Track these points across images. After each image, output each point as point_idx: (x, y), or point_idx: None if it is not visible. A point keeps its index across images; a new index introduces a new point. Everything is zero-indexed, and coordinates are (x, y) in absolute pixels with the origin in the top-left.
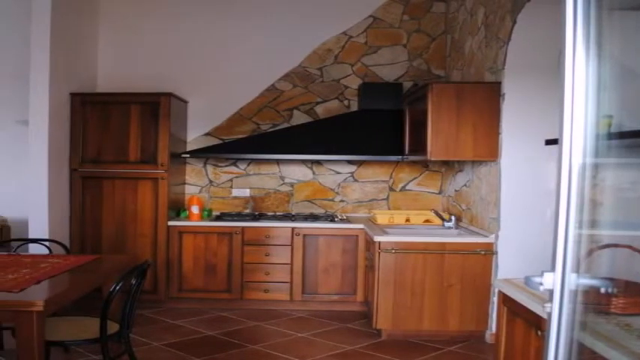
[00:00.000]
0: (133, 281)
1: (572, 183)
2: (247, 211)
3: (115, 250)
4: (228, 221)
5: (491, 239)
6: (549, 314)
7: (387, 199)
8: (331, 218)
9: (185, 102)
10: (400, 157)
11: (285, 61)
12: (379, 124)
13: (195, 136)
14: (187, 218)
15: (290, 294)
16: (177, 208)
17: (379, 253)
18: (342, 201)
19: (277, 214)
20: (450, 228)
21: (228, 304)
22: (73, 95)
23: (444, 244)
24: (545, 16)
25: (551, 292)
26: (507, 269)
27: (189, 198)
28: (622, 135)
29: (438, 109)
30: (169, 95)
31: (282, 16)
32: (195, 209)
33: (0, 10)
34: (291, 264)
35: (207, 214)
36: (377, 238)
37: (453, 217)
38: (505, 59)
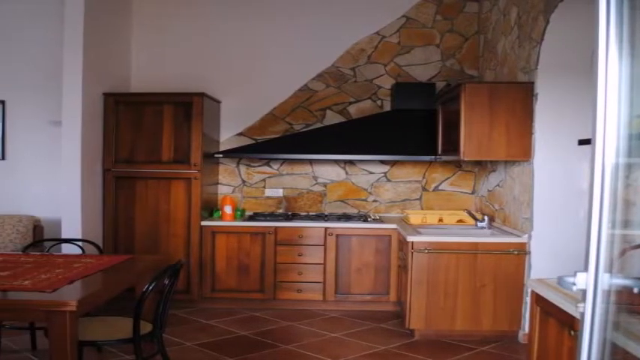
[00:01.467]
0: (166, 281)
1: (605, 183)
2: (280, 211)
3: (148, 251)
4: (261, 221)
5: (524, 239)
6: (582, 314)
7: (420, 199)
8: (364, 218)
9: (218, 102)
10: (433, 157)
11: (319, 61)
12: (412, 124)
13: (228, 136)
14: (220, 218)
15: (323, 294)
16: (210, 208)
17: (412, 253)
18: (375, 201)
19: (310, 214)
20: (482, 228)
21: (261, 304)
22: (106, 95)
23: (476, 244)
24: (579, 15)
25: (584, 292)
26: (540, 269)
27: (222, 198)
28: None
29: (471, 109)
30: (202, 95)
31: (316, 16)
32: (228, 209)
33: (33, 11)
34: (324, 264)
35: (240, 214)
36: (410, 238)
37: (485, 217)
38: (538, 59)
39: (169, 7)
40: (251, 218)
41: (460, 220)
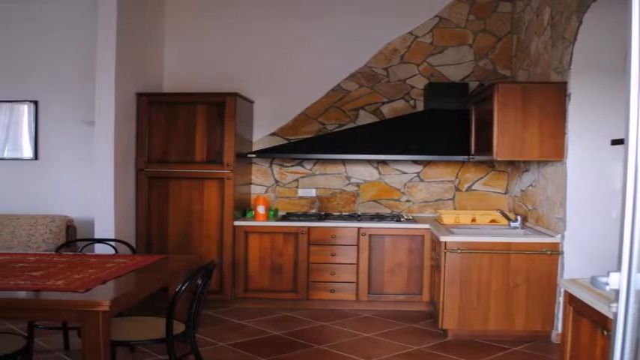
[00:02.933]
0: (199, 281)
1: (638, 183)
2: (313, 211)
3: (181, 251)
4: (294, 221)
5: (557, 239)
6: (615, 314)
7: (453, 199)
8: (397, 218)
9: (251, 102)
10: (466, 157)
11: (351, 61)
12: (445, 124)
13: (261, 136)
14: (253, 218)
15: (356, 294)
16: (243, 208)
17: (445, 253)
18: (408, 201)
19: (343, 214)
20: (515, 228)
21: (294, 304)
22: (139, 95)
23: (509, 244)
24: (612, 15)
25: (617, 292)
26: (573, 269)
27: (255, 198)
28: None
29: (503, 109)
30: (235, 95)
31: (348, 16)
32: (261, 209)
33: (65, 11)
34: (357, 264)
35: (273, 214)
36: (443, 238)
37: (518, 217)
38: (571, 59)
39: (202, 7)
40: (284, 218)
41: (493, 220)
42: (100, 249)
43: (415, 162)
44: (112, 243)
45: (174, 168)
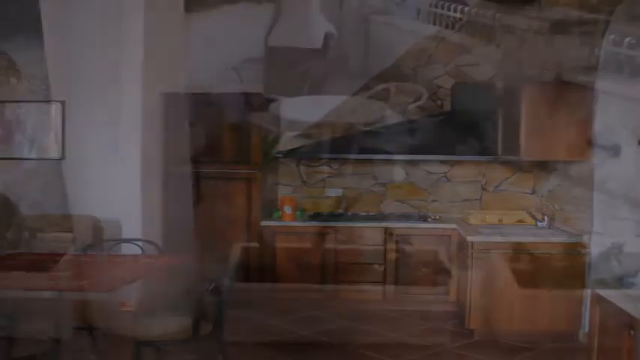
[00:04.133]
0: (226, 281)
1: None
2: (340, 211)
3: (208, 250)
4: (322, 221)
5: (584, 239)
6: None
7: (479, 199)
8: (424, 218)
9: (278, 101)
10: (493, 157)
11: (379, 60)
12: (472, 124)
13: (288, 135)
14: (280, 218)
15: (383, 294)
16: (271, 208)
17: (472, 253)
18: (434, 201)
19: (370, 214)
20: (542, 228)
21: (322, 304)
22: (166, 95)
23: (536, 244)
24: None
25: None
26: (600, 269)
27: (282, 198)
28: None
29: (531, 109)
30: (262, 95)
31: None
32: (288, 209)
33: (91, 10)
34: (384, 264)
35: (300, 214)
36: (470, 238)
37: (545, 217)
38: (599, 59)
39: (228, 5)
40: (311, 218)
41: (520, 220)
42: (127, 249)
43: (442, 162)
44: (139, 243)
45: (201, 168)
